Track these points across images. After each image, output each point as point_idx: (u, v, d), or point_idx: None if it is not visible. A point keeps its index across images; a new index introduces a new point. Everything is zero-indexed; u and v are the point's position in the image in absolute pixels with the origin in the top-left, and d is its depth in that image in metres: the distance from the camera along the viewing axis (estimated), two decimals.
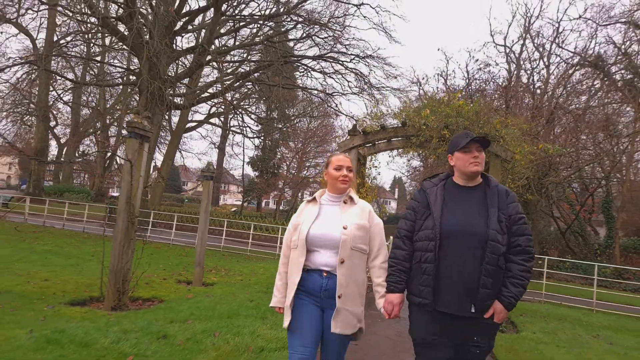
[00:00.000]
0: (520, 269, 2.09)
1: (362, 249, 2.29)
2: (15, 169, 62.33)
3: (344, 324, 2.20)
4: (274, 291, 2.41)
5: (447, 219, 2.14)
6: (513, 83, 21.53)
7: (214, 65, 18.41)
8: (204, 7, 17.31)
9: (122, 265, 5.20)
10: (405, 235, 2.27)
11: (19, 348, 3.27)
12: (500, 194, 2.19)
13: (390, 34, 18.45)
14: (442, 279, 2.09)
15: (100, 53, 29.30)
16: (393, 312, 2.24)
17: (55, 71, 25.14)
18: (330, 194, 2.43)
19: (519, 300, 2.11)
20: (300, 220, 2.35)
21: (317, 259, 2.25)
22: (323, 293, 2.23)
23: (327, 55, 18.50)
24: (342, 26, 18.67)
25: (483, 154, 2.26)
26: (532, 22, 23.41)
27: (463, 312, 2.06)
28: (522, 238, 2.12)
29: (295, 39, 21.22)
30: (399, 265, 2.24)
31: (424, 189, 2.34)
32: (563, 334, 6.09)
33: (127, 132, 5.37)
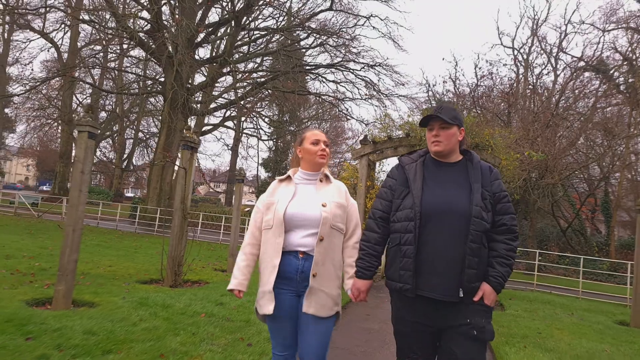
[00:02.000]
0: (506, 248, 1.97)
1: (340, 228, 2.17)
2: (33, 170, 64.37)
3: (318, 305, 2.05)
4: (234, 272, 2.19)
5: (428, 196, 1.98)
6: (521, 85, 22.49)
7: (234, 75, 19.62)
8: (225, 20, 18.60)
9: (178, 252, 6.43)
10: (380, 216, 2.11)
11: (122, 307, 4.51)
12: (483, 171, 2.04)
13: (398, 43, 19.40)
14: (424, 261, 1.92)
15: (118, 62, 30.93)
16: (359, 298, 2.14)
17: (91, 83, 26.52)
18: (304, 172, 2.26)
19: (506, 281, 1.98)
20: (275, 199, 2.18)
21: (293, 239, 2.10)
22: (299, 275, 2.08)
23: (339, 63, 19.67)
24: (352, 36, 19.86)
25: (451, 131, 2.06)
26: (540, 25, 24.36)
27: (450, 296, 1.90)
28: (507, 217, 2.00)
29: (308, 47, 22.45)
30: (370, 250, 2.10)
31: (402, 165, 2.16)
32: (542, 312, 7.22)
33: (182, 144, 6.60)
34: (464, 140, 2.13)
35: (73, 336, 3.35)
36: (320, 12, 19.18)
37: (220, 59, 18.00)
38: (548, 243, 20.99)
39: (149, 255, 9.37)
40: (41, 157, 53.38)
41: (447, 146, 2.05)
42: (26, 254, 7.63)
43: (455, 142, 2.07)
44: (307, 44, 21.76)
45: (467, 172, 2.04)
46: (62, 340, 3.22)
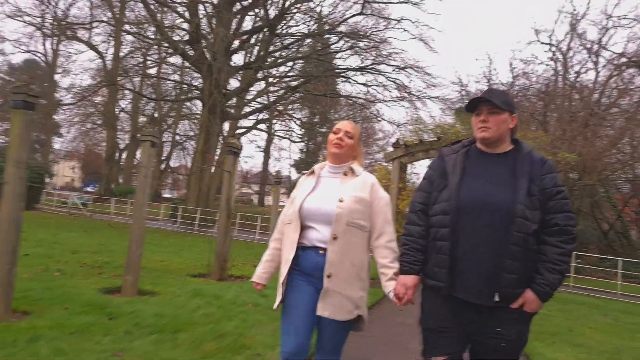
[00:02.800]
0: (558, 252, 1.75)
1: (360, 225, 2.03)
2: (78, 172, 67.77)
3: (334, 307, 1.95)
4: (258, 266, 2.25)
5: (466, 190, 1.84)
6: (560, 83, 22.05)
7: (267, 80, 20.26)
8: (260, 27, 19.28)
9: (223, 249, 6.98)
10: (420, 209, 1.98)
11: (180, 296, 5.06)
12: (534, 163, 1.84)
13: (429, 45, 19.49)
14: (460, 259, 1.79)
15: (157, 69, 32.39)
16: (406, 297, 1.94)
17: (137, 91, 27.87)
18: (330, 165, 2.19)
19: (555, 289, 1.77)
20: (297, 193, 2.16)
21: (312, 235, 2.04)
22: (319, 272, 2.00)
23: (370, 66, 19.97)
24: (382, 38, 20.11)
25: (501, 117, 1.87)
26: (579, 20, 23.79)
27: (484, 300, 1.75)
28: (561, 215, 1.77)
29: (339, 50, 22.86)
30: (414, 244, 1.95)
31: (442, 156, 2.02)
32: (576, 312, 7.34)
33: (227, 150, 7.16)
34: (515, 129, 1.93)
35: (146, 318, 3.89)
36: (351, 17, 19.53)
37: (255, 65, 18.67)
38: (588, 245, 20.52)
39: (194, 252, 10.02)
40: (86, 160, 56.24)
41: (495, 133, 1.86)
42: (88, 249, 8.39)
43: (505, 130, 1.88)
44: (338, 47, 22.20)
45: (514, 164, 1.84)
46: (138, 320, 3.77)
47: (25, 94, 3.75)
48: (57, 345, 3.01)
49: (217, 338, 3.63)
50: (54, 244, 8.59)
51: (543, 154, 6.75)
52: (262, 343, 3.63)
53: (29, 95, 3.77)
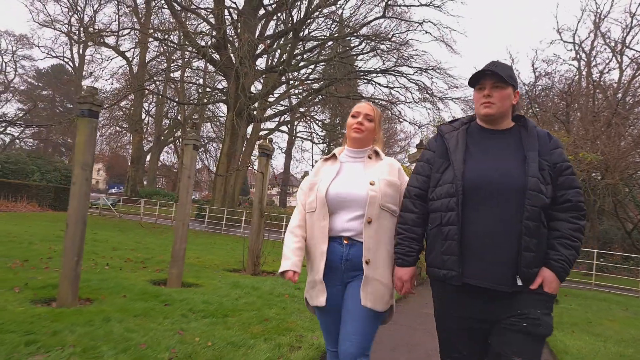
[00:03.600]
0: (572, 228, 1.69)
1: (392, 209, 1.94)
2: (103, 174, 69.76)
3: (375, 297, 1.85)
4: (284, 253, 1.96)
5: (471, 168, 1.74)
6: (583, 82, 21.87)
7: (288, 81, 20.72)
8: (284, 31, 19.75)
9: (256, 246, 7.41)
10: (416, 194, 1.87)
11: (221, 287, 5.49)
12: (541, 137, 1.76)
13: (452, 47, 19.71)
14: (471, 244, 1.68)
15: (180, 73, 33.33)
16: (404, 289, 1.89)
17: (169, 96, 28.72)
18: (349, 149, 2.09)
19: (572, 265, 1.69)
20: (318, 179, 2.03)
21: (336, 223, 1.92)
22: (344, 264, 1.90)
23: (392, 68, 20.24)
24: (404, 40, 20.35)
25: (506, 92, 1.77)
26: (602, 19, 23.51)
27: (503, 285, 1.63)
28: (572, 191, 1.71)
29: (360, 52, 23.20)
30: (409, 232, 1.87)
31: (441, 134, 1.91)
32: (596, 307, 7.51)
33: (258, 152, 7.59)
34: (518, 105, 1.85)
35: (196, 304, 4.32)
36: (374, 20, 19.84)
37: (280, 69, 19.16)
38: (612, 245, 20.32)
39: (225, 250, 10.51)
40: (110, 162, 57.90)
41: (499, 109, 1.76)
42: (126, 247, 8.95)
43: (508, 106, 1.79)
44: (360, 49, 22.51)
45: (520, 139, 1.76)
46: (190, 306, 4.21)
47: (90, 104, 4.23)
48: (126, 325, 3.45)
49: (262, 322, 4.03)
50: (95, 242, 9.18)
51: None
52: (303, 327, 4.02)
53: (94, 105, 4.25)
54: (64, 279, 4.09)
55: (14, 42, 41.35)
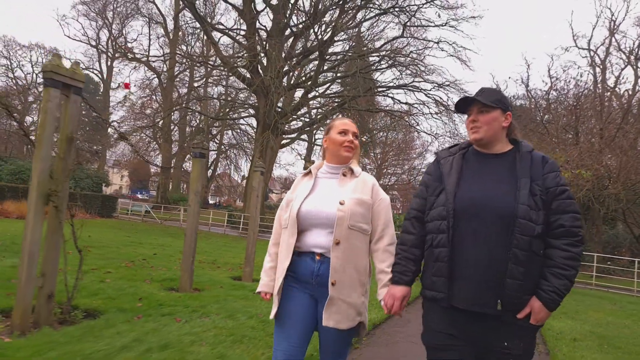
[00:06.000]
0: (564, 256, 1.65)
1: (362, 228, 1.96)
2: (127, 180, 72.35)
3: (339, 316, 1.89)
4: (261, 274, 2.11)
5: (463, 192, 1.76)
6: (599, 88, 22.83)
7: (320, 102, 22.39)
8: (309, 52, 21.41)
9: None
10: (414, 216, 1.91)
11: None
12: (534, 161, 1.75)
13: (466, 63, 21.18)
14: (459, 267, 1.70)
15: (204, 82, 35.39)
16: (393, 308, 1.89)
17: (202, 111, 30.69)
18: (329, 165, 2.12)
19: (563, 296, 1.66)
20: (294, 195, 2.07)
21: (308, 239, 1.96)
22: (315, 279, 1.93)
23: (410, 84, 21.70)
24: (421, 57, 21.79)
25: (491, 115, 1.80)
26: (618, 26, 24.41)
27: (486, 309, 1.65)
28: (566, 216, 1.67)
29: (381, 69, 24.72)
30: (406, 253, 1.90)
31: (437, 159, 1.96)
32: (589, 302, 8.89)
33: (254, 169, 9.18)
34: (512, 127, 1.86)
35: None
36: (393, 40, 21.39)
37: (306, 86, 20.84)
38: (620, 249, 21.39)
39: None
40: (134, 168, 60.34)
41: (487, 133, 1.80)
42: None
43: (497, 129, 1.81)
44: (379, 65, 23.97)
45: (514, 164, 1.77)
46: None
47: (201, 149, 5.89)
48: (242, 303, 5.05)
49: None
50: (162, 247, 10.89)
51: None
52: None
53: (203, 149, 5.90)
54: (184, 273, 5.73)
55: (44, 55, 44.00)
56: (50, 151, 3.66)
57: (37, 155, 3.61)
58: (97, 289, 4.82)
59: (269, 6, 20.80)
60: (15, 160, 26.99)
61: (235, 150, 46.36)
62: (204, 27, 21.14)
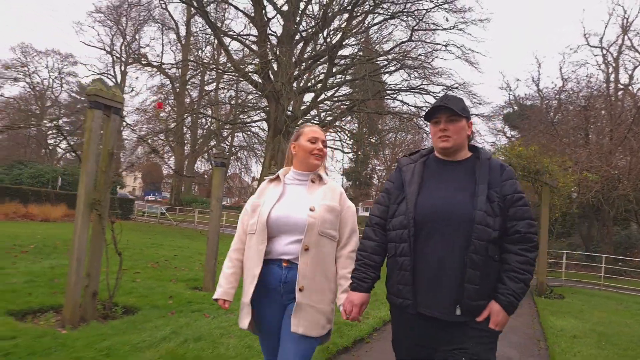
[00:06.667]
0: (520, 260, 1.71)
1: (331, 235, 1.97)
2: (139, 182, 73.52)
3: (308, 323, 1.86)
4: (219, 280, 2.05)
5: (423, 200, 1.78)
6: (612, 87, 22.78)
7: (330, 106, 22.82)
8: (318, 56, 21.83)
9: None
10: (376, 222, 1.93)
11: None
12: (492, 169, 1.80)
13: (475, 66, 21.41)
14: (421, 274, 1.74)
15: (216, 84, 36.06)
16: (352, 314, 1.89)
17: (211, 115, 31.35)
18: (296, 172, 2.10)
19: (520, 299, 1.72)
20: (261, 201, 2.03)
21: (276, 246, 1.94)
22: (283, 286, 1.91)
23: (419, 87, 21.99)
24: (429, 59, 22.08)
25: (460, 124, 1.84)
26: (630, 23, 24.24)
27: (446, 315, 1.70)
28: (522, 223, 1.73)
29: (389, 72, 25.04)
30: (367, 259, 1.91)
31: (399, 167, 1.97)
32: (594, 302, 9.14)
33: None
34: (472, 135, 1.96)
35: None
36: (401, 44, 21.71)
37: (316, 90, 21.27)
38: (633, 249, 21.41)
39: None
40: (147, 171, 61.32)
41: (456, 141, 1.83)
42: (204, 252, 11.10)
43: (464, 137, 1.86)
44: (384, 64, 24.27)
45: (474, 171, 1.81)
46: None
47: (222, 158, 6.31)
48: None
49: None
50: (181, 248, 11.35)
51: (567, 175, 8.73)
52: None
53: (224, 158, 6.33)
54: (207, 273, 6.16)
55: (60, 60, 45.07)
56: (95, 165, 4.11)
57: (83, 169, 4.06)
58: (131, 287, 5.26)
59: (279, 13, 21.28)
60: (34, 164, 27.90)
61: (245, 152, 46.98)
62: (216, 33, 21.68)
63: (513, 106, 32.48)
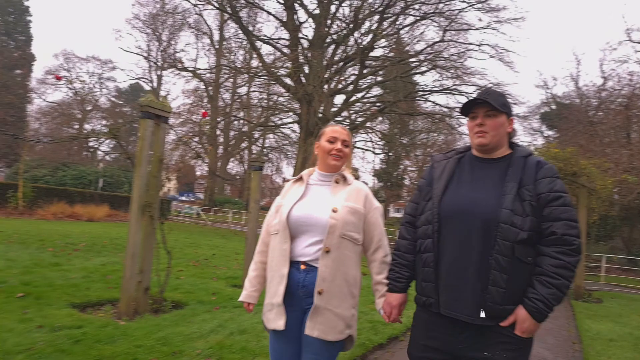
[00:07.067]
0: (554, 264, 1.56)
1: (354, 238, 1.92)
2: (174, 182, 75.56)
3: (324, 327, 1.82)
4: (244, 283, 2.08)
5: (450, 197, 1.74)
6: None
7: (361, 107, 23.00)
8: (350, 59, 21.99)
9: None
10: (408, 220, 1.89)
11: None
12: (527, 166, 1.69)
13: (510, 65, 21.06)
14: (444, 272, 1.69)
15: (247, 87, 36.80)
16: (392, 316, 1.88)
17: (249, 120, 32.17)
18: (320, 173, 2.06)
19: (552, 306, 1.57)
20: (284, 201, 2.01)
21: (296, 247, 1.91)
22: (301, 290, 1.87)
23: (451, 87, 21.81)
24: (461, 60, 21.84)
25: (499, 120, 1.74)
26: None
27: (470, 317, 1.61)
28: (559, 224, 1.59)
29: (419, 73, 24.91)
30: (401, 259, 1.88)
31: (432, 164, 1.93)
32: (634, 306, 8.91)
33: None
34: (513, 133, 1.84)
35: None
36: (433, 44, 21.59)
37: (347, 93, 21.45)
38: None
39: None
40: (182, 171, 62.95)
41: (494, 138, 1.74)
42: (240, 251, 11.47)
43: (503, 134, 1.77)
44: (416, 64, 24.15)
45: (507, 168, 1.72)
46: None
47: (259, 162, 6.61)
48: None
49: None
50: (218, 248, 11.80)
51: (605, 178, 8.60)
52: None
53: (262, 162, 6.62)
54: (246, 272, 6.45)
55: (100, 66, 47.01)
56: (147, 170, 4.46)
57: (137, 174, 4.41)
58: (176, 284, 5.62)
59: (311, 17, 21.58)
60: (77, 166, 29.32)
61: (276, 153, 47.64)
62: (249, 38, 22.22)
63: (550, 105, 31.63)
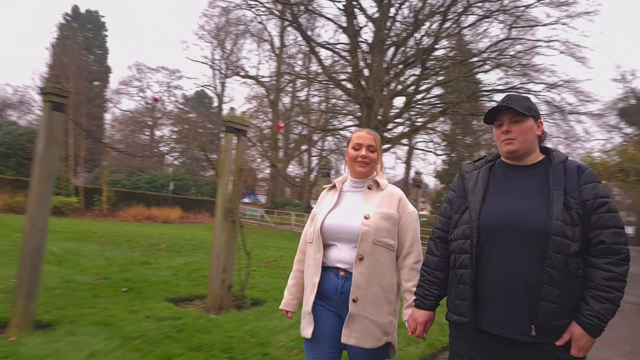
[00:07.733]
0: (606, 277, 1.49)
1: (388, 244, 1.90)
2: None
3: (360, 334, 1.83)
4: (284, 292, 2.14)
5: (489, 208, 1.63)
6: None
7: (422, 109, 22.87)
8: (411, 62, 21.88)
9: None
10: (438, 236, 1.83)
11: None
12: (568, 172, 1.60)
13: (582, 61, 19.83)
14: (485, 289, 1.59)
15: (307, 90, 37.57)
16: (416, 332, 1.84)
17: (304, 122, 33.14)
18: (352, 179, 2.07)
19: (607, 320, 1.50)
20: (319, 210, 2.03)
21: (333, 254, 1.92)
22: (339, 296, 1.89)
23: (518, 86, 21.00)
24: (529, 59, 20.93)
25: (526, 125, 1.66)
26: None
27: (517, 334, 1.52)
28: (607, 232, 1.51)
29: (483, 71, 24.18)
30: (430, 275, 1.81)
31: (462, 174, 1.84)
32: None
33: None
34: (543, 136, 1.75)
35: None
36: (498, 42, 20.93)
37: (408, 96, 21.36)
38: None
39: None
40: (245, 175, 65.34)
41: (522, 144, 1.67)
42: None
43: (532, 139, 1.69)
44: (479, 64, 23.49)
45: (546, 175, 1.62)
46: None
47: (327, 169, 6.93)
48: None
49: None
50: (284, 249, 12.31)
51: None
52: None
53: (329, 169, 6.95)
54: None
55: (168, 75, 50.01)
56: (229, 179, 4.93)
57: (220, 183, 4.90)
58: (253, 283, 6.08)
59: (371, 21, 21.73)
60: (149, 171, 31.55)
61: (335, 155, 48.07)
62: (309, 44, 22.82)
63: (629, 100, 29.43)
